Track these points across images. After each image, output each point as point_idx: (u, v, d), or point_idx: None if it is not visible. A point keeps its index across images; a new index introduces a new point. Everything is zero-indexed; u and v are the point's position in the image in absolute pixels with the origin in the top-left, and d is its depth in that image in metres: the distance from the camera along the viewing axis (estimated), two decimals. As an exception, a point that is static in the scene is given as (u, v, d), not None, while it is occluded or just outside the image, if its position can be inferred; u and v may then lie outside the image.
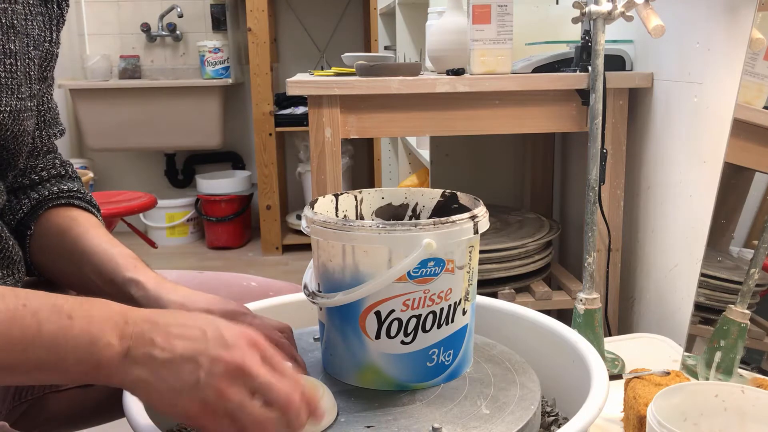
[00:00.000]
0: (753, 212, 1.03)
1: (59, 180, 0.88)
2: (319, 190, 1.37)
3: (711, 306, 1.04)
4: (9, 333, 0.51)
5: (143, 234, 2.98)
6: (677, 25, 1.25)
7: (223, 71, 3.59)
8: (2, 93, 0.74)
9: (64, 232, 0.81)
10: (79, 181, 0.90)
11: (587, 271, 1.11)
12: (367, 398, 0.72)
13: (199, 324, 0.56)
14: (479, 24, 1.36)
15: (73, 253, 0.80)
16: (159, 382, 0.54)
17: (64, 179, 0.88)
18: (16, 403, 0.82)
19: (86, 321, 0.54)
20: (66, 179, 0.88)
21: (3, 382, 0.53)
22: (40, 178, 0.86)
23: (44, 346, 0.52)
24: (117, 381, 0.54)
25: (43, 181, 0.86)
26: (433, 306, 0.71)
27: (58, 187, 0.86)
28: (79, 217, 0.83)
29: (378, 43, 3.37)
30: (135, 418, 0.65)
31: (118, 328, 0.54)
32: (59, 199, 0.86)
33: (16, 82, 0.76)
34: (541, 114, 1.38)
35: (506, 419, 0.67)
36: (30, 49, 0.78)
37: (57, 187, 0.86)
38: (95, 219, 0.85)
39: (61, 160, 0.90)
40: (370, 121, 1.36)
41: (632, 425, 0.87)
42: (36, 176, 0.85)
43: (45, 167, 0.86)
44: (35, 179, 0.85)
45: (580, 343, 0.79)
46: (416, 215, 0.86)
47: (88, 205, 0.88)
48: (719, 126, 1.13)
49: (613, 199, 1.42)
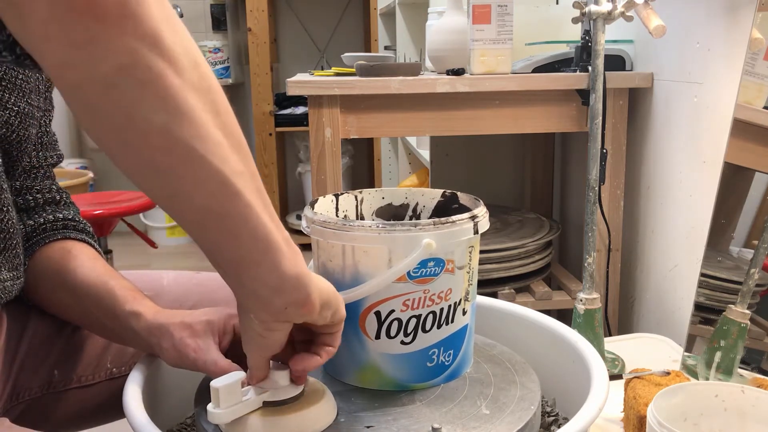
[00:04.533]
0: (753, 212, 1.03)
1: (55, 207, 0.87)
2: (319, 190, 1.37)
3: (711, 306, 1.03)
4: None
5: (143, 234, 2.98)
6: (677, 25, 1.25)
7: (223, 71, 3.59)
8: (14, 93, 0.76)
9: (60, 267, 0.81)
10: (74, 207, 0.90)
11: (587, 271, 1.11)
12: (367, 398, 0.72)
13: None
14: (479, 24, 1.36)
15: (70, 287, 0.80)
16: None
17: (59, 206, 0.88)
18: (14, 403, 0.82)
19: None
20: (61, 206, 0.88)
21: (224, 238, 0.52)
22: (35, 202, 0.85)
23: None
24: (306, 270, 0.56)
25: (38, 206, 0.86)
26: (433, 306, 0.71)
27: (54, 215, 0.86)
28: (74, 249, 0.83)
29: (378, 43, 3.37)
30: (135, 418, 0.65)
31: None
32: (54, 230, 0.85)
33: (28, 87, 0.77)
34: (541, 114, 1.38)
35: (506, 419, 0.67)
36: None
37: (53, 215, 0.86)
38: (92, 250, 0.85)
39: (57, 186, 0.89)
40: (370, 121, 1.36)
41: (632, 425, 0.87)
42: (31, 198, 0.85)
43: (41, 190, 0.86)
44: (30, 201, 0.85)
45: (580, 343, 0.79)
46: (416, 215, 0.86)
47: (83, 235, 0.87)
48: (719, 126, 1.13)
49: (613, 199, 1.42)
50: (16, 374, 0.82)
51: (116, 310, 0.76)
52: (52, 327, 0.86)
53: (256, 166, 0.53)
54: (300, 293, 0.56)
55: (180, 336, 0.71)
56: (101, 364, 0.89)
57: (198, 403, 0.71)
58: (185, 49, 0.47)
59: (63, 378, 0.86)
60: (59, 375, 0.86)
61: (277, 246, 0.53)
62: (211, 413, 0.62)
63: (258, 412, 0.64)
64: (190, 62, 0.47)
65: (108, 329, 0.80)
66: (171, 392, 0.80)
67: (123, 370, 0.89)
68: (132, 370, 0.75)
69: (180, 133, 0.46)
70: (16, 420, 0.81)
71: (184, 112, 0.46)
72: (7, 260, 0.77)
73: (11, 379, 0.81)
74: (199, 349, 0.70)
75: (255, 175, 0.52)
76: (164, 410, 0.79)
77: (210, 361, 0.70)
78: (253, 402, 0.64)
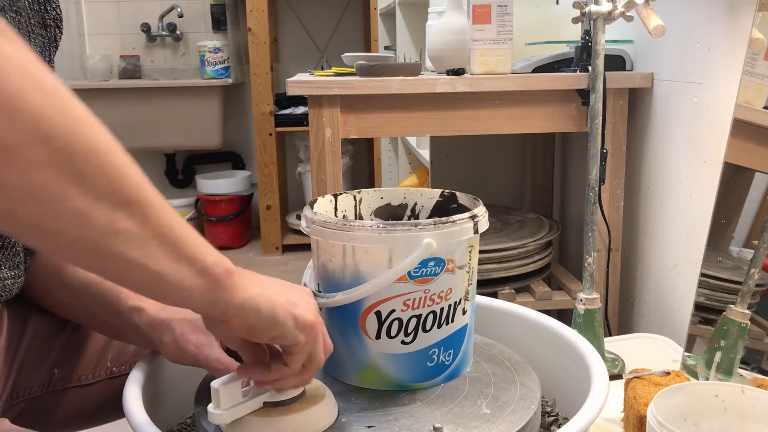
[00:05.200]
0: (753, 212, 1.03)
1: None
2: (319, 190, 1.37)
3: (711, 306, 1.03)
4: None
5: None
6: (677, 25, 1.25)
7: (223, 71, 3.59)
8: None
9: (60, 265, 0.81)
10: None
11: (587, 271, 1.11)
12: (368, 398, 0.72)
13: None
14: (479, 24, 1.36)
15: (70, 284, 0.80)
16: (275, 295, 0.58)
17: None
18: (13, 402, 0.82)
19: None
20: None
21: (146, 275, 0.51)
22: None
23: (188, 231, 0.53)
24: (245, 293, 0.55)
25: None
26: (433, 306, 0.71)
27: None
28: None
29: (378, 43, 3.37)
30: (135, 418, 0.65)
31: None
32: None
33: None
34: (541, 114, 1.38)
35: (507, 419, 0.67)
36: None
37: None
38: None
39: None
40: (370, 121, 1.36)
41: (632, 425, 0.87)
42: None
43: None
44: None
45: (580, 343, 0.79)
46: (415, 215, 0.86)
47: None
48: (719, 126, 1.13)
49: (613, 199, 1.42)
50: (16, 373, 0.82)
51: (118, 306, 0.76)
52: (52, 326, 0.86)
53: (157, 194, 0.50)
54: (218, 311, 0.55)
55: (181, 331, 0.71)
56: (101, 363, 0.89)
57: (198, 403, 0.71)
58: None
59: (63, 377, 0.86)
60: (59, 374, 0.86)
61: (179, 287, 0.52)
62: (212, 414, 0.62)
63: (258, 412, 0.64)
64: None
65: (109, 325, 0.80)
66: (171, 392, 0.80)
67: (123, 369, 0.89)
68: (132, 370, 0.75)
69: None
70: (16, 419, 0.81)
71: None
72: (7, 258, 0.77)
73: (11, 378, 0.81)
74: (200, 345, 0.70)
75: (146, 214, 0.49)
76: (164, 410, 0.79)
77: (211, 357, 0.70)
78: (253, 403, 0.64)
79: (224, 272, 0.54)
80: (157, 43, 3.80)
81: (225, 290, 0.54)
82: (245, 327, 0.57)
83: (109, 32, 3.76)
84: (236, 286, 0.55)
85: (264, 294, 0.57)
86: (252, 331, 0.58)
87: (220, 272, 0.54)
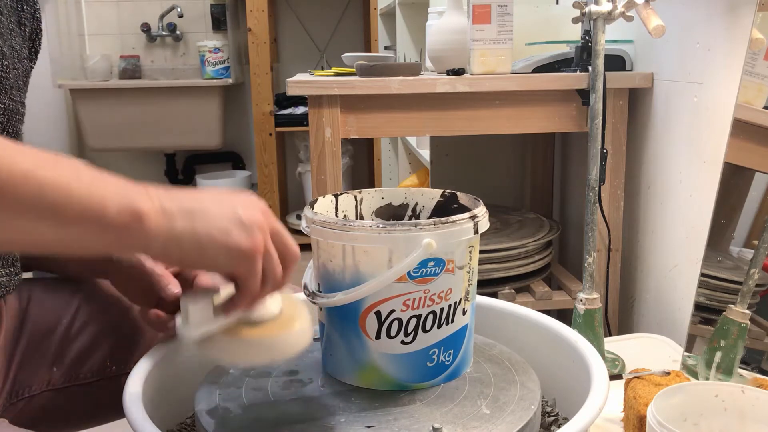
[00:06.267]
0: (753, 212, 1.03)
1: None
2: (319, 190, 1.37)
3: (711, 306, 1.03)
4: (55, 169, 0.50)
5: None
6: (677, 25, 1.25)
7: (223, 71, 3.58)
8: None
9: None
10: None
11: (587, 271, 1.11)
12: (367, 398, 0.72)
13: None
14: (479, 24, 1.36)
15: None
16: (204, 225, 0.55)
17: None
18: (13, 401, 0.82)
19: (116, 179, 0.53)
20: None
21: (43, 240, 0.50)
22: None
23: (85, 187, 0.51)
24: (162, 232, 0.53)
25: None
26: (433, 306, 0.71)
27: None
28: None
29: (378, 43, 3.37)
30: (135, 418, 0.65)
31: (143, 190, 0.54)
32: None
33: (9, 83, 0.77)
34: (541, 114, 1.38)
35: (507, 419, 0.67)
36: (15, 61, 0.79)
37: None
38: None
39: None
40: (370, 121, 1.36)
41: (632, 425, 0.87)
42: None
43: None
44: None
45: (580, 343, 0.79)
46: (416, 215, 0.86)
47: None
48: (719, 126, 1.13)
49: (613, 199, 1.42)
50: (15, 372, 0.82)
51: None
52: (50, 324, 0.86)
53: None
54: (140, 253, 0.54)
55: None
56: (101, 362, 0.88)
57: (198, 403, 0.71)
58: None
59: (62, 376, 0.86)
60: (58, 373, 0.86)
61: (89, 246, 0.52)
62: (179, 330, 0.61)
63: (231, 331, 0.62)
64: None
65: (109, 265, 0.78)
66: (171, 392, 0.80)
67: (123, 369, 0.89)
68: (132, 370, 0.75)
69: None
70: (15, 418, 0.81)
71: None
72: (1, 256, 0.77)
73: (10, 377, 0.81)
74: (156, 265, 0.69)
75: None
76: (164, 410, 0.79)
77: (161, 271, 0.69)
78: (225, 321, 0.62)
79: (131, 219, 0.52)
80: (157, 43, 3.80)
81: (137, 237, 0.52)
82: (174, 263, 0.55)
83: (109, 32, 3.76)
84: (150, 229, 0.53)
85: (190, 227, 0.54)
86: (183, 265, 0.56)
87: (125, 221, 0.51)
